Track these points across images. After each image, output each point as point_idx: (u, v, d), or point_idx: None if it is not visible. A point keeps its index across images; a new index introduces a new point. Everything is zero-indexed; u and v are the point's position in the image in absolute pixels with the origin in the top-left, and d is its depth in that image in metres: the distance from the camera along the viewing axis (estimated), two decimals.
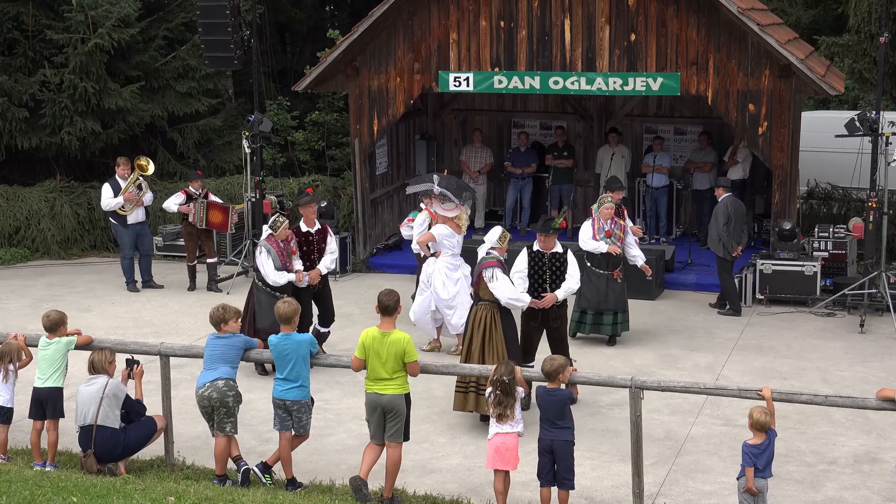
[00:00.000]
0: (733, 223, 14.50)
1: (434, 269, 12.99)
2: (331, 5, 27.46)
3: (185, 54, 20.19)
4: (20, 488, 8.48)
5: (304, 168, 21.94)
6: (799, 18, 22.80)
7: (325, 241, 12.79)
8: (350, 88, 17.22)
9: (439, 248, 13.02)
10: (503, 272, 10.69)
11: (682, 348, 13.36)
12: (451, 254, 13.01)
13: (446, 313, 12.94)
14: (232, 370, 9.40)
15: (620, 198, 13.97)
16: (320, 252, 12.74)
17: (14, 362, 9.85)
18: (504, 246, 10.99)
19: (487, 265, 10.68)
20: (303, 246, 12.60)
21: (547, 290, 11.29)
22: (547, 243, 11.35)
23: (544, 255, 11.35)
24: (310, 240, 12.67)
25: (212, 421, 9.34)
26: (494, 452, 8.78)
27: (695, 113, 18.70)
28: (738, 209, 14.67)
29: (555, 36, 15.97)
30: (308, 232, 12.68)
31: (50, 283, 16.89)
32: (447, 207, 12.98)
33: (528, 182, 18.99)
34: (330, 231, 13.01)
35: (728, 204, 14.54)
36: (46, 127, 18.97)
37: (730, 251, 14.49)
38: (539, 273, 11.31)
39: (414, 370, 9.00)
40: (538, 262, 11.31)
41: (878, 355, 13.03)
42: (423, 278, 13.15)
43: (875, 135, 14.36)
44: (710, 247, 14.96)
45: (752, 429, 8.27)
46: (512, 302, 10.70)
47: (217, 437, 9.32)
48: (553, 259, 11.37)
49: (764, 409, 8.24)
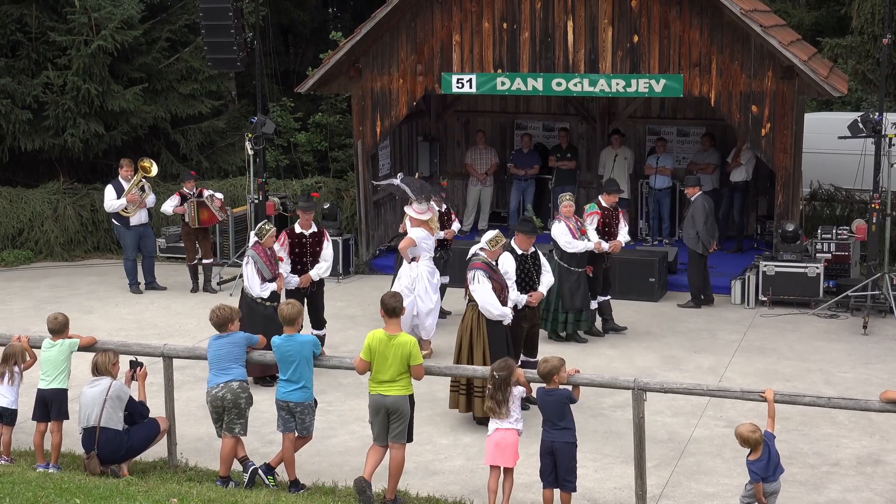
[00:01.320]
0: (710, 221, 14.91)
1: (418, 275, 12.97)
2: (333, 7, 27.48)
3: (188, 56, 20.21)
4: (23, 490, 8.49)
5: (307, 170, 21.94)
6: (802, 20, 22.78)
7: (320, 245, 12.64)
8: (353, 90, 17.23)
9: (418, 252, 12.99)
10: (486, 276, 10.63)
11: (684, 350, 13.36)
12: (429, 257, 13.08)
13: (424, 319, 12.97)
14: (243, 371, 9.41)
15: (615, 201, 13.97)
16: (314, 255, 12.58)
17: (19, 364, 9.87)
18: (495, 250, 10.94)
19: (472, 266, 10.70)
20: (295, 248, 12.49)
21: (535, 289, 11.41)
22: (527, 243, 11.43)
23: (526, 255, 11.43)
24: (303, 241, 12.53)
25: (220, 422, 9.34)
26: (494, 447, 8.81)
27: (697, 114, 18.69)
28: (712, 207, 15.25)
29: (557, 37, 15.98)
30: (301, 234, 12.56)
31: (53, 285, 16.91)
32: (420, 210, 13.02)
33: (531, 184, 19.00)
34: (327, 236, 12.85)
35: (704, 202, 14.96)
36: (50, 129, 18.99)
37: (707, 247, 14.88)
38: (527, 273, 11.40)
39: (419, 373, 9.00)
40: (523, 264, 11.40)
41: (882, 357, 13.02)
42: (407, 283, 13.00)
43: (878, 136, 14.36)
44: (689, 244, 15.11)
45: (745, 447, 8.21)
46: (489, 310, 10.56)
47: (224, 437, 9.32)
48: (534, 258, 11.54)
49: (751, 426, 8.15)
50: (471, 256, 10.95)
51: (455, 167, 20.10)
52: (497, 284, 10.70)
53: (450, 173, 20.12)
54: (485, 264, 10.72)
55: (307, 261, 12.55)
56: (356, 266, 17.42)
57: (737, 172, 17.60)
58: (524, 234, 11.39)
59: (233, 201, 18.80)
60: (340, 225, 17.57)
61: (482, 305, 10.59)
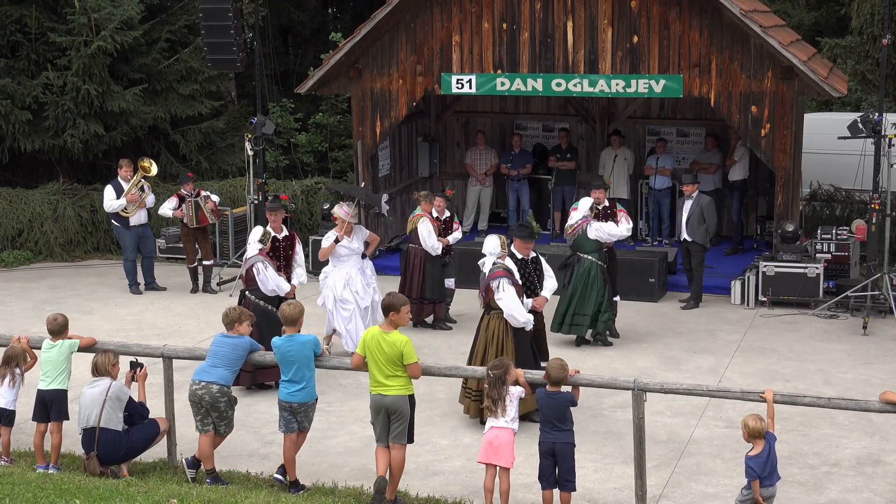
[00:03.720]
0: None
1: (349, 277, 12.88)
2: (333, 7, 27.49)
3: (188, 57, 20.21)
4: (23, 490, 8.49)
5: (306, 170, 21.95)
6: (801, 20, 22.79)
7: (293, 249, 12.47)
8: (353, 91, 17.23)
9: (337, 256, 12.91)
10: (510, 283, 10.62)
11: (684, 350, 13.36)
12: (355, 257, 13.01)
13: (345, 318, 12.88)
14: (230, 375, 9.39)
15: (602, 195, 13.77)
16: (287, 259, 12.40)
17: (20, 366, 9.87)
18: (506, 252, 10.96)
19: (495, 276, 10.63)
20: (270, 251, 12.31)
21: (537, 294, 11.41)
22: (525, 248, 11.41)
23: (527, 260, 11.41)
24: (276, 245, 12.31)
25: (198, 416, 9.34)
26: (487, 445, 8.82)
27: (697, 115, 18.69)
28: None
29: (557, 38, 15.98)
30: (275, 237, 12.35)
31: (53, 286, 16.91)
32: (349, 213, 12.88)
33: (524, 184, 18.98)
34: (298, 239, 12.72)
35: (710, 200, 15.32)
36: (49, 129, 18.99)
37: (710, 242, 15.34)
38: (528, 277, 11.37)
39: (414, 372, 8.97)
40: (525, 268, 11.38)
41: (881, 357, 13.03)
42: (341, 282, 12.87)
43: (878, 136, 14.37)
44: (696, 240, 15.04)
45: (749, 438, 8.22)
46: (515, 317, 10.57)
47: (203, 435, 9.33)
48: (534, 263, 11.51)
49: (756, 416, 8.20)
50: (490, 267, 10.76)
51: (455, 168, 20.10)
52: (519, 289, 10.73)
53: (449, 174, 20.14)
54: (506, 271, 10.70)
55: (280, 265, 12.29)
56: None
57: (734, 171, 17.61)
58: (521, 238, 11.37)
59: (233, 202, 18.81)
60: None
61: (508, 313, 10.55)
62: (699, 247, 15.07)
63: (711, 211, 15.13)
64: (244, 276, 12.19)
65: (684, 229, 15.15)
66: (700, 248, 15.08)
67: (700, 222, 14.98)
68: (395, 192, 18.86)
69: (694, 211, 15.03)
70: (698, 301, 15.24)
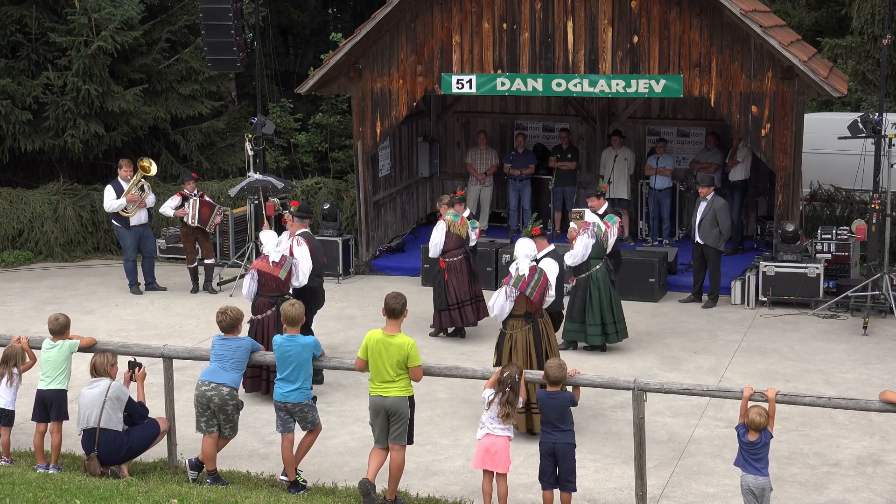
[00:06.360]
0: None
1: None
2: (333, 8, 27.51)
3: (188, 57, 20.21)
4: (23, 490, 8.49)
5: (306, 170, 21.95)
6: (802, 20, 22.79)
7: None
8: (353, 91, 17.23)
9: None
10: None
11: (684, 350, 13.36)
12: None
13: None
14: (239, 377, 9.42)
15: (597, 203, 13.70)
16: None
17: (18, 365, 9.87)
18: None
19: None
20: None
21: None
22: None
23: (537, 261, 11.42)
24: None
25: (203, 417, 9.34)
26: (484, 452, 8.81)
27: (697, 115, 18.69)
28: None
29: (557, 38, 15.98)
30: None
31: (53, 286, 16.91)
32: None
33: (527, 184, 18.97)
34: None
35: (724, 203, 15.31)
36: (49, 129, 18.99)
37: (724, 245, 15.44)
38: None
39: (417, 375, 8.99)
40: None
41: (882, 357, 13.03)
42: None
43: (878, 136, 14.36)
44: (710, 243, 15.02)
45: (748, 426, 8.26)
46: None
47: (207, 436, 9.34)
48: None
49: (761, 410, 8.23)
50: (527, 265, 10.53)
51: (455, 168, 20.10)
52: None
53: (449, 174, 20.14)
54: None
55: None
56: (356, 267, 17.42)
57: (735, 171, 17.60)
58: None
59: (233, 202, 18.80)
60: (340, 226, 17.57)
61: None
62: (713, 250, 15.06)
63: (725, 214, 15.11)
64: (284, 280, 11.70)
65: (697, 232, 15.11)
66: (714, 252, 15.08)
67: (713, 225, 14.94)
68: (395, 192, 18.88)
69: (707, 213, 15.00)
70: (715, 301, 15.29)
